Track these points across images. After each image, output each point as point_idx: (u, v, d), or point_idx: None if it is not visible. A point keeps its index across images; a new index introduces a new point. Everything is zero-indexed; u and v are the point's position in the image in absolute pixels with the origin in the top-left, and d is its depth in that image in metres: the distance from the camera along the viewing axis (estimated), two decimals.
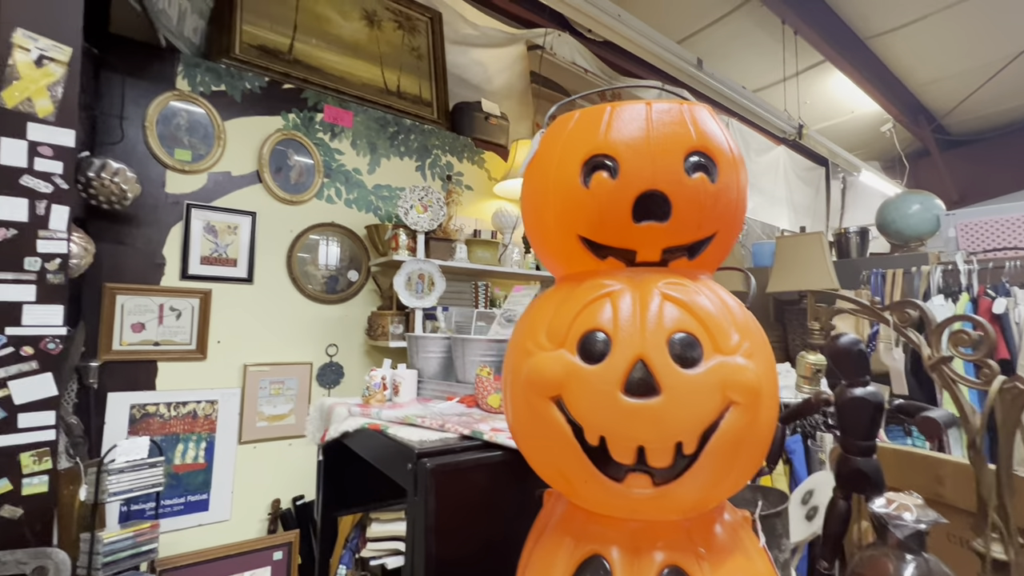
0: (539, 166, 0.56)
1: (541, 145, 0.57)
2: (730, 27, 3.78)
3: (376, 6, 2.68)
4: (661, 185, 0.48)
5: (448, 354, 1.21)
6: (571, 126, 0.54)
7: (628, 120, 0.50)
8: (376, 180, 2.51)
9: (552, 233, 0.54)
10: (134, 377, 1.91)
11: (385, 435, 0.83)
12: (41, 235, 1.47)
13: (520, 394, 0.49)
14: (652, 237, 0.50)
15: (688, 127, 0.50)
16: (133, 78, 1.93)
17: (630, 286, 0.48)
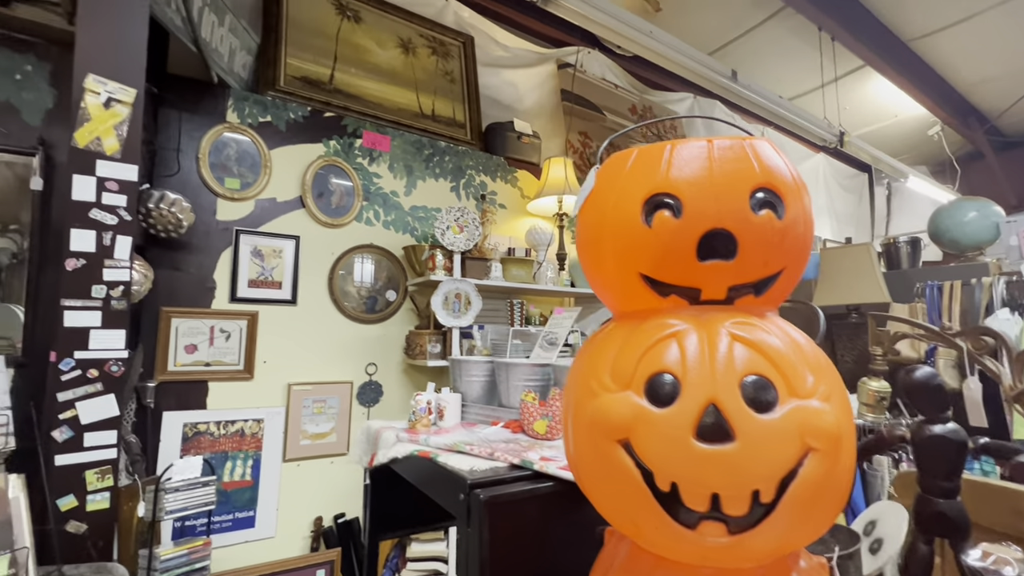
0: (596, 204, 0.56)
1: (597, 182, 0.57)
2: (764, 36, 3.73)
3: (411, 34, 2.77)
4: (727, 223, 0.47)
5: (491, 378, 1.21)
6: (630, 165, 0.54)
7: (689, 158, 0.50)
8: (412, 202, 2.57)
9: (611, 270, 0.54)
10: (187, 397, 1.99)
11: (435, 463, 0.83)
12: (107, 264, 1.56)
13: (584, 434, 0.49)
14: (718, 275, 0.49)
15: (752, 163, 0.49)
16: (188, 113, 2.04)
17: (696, 326, 0.47)
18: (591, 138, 3.39)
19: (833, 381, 0.47)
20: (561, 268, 2.74)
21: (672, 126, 3.97)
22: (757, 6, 3.44)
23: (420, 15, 2.83)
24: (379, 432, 1.10)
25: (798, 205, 0.50)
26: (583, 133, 3.33)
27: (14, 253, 1.82)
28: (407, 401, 2.44)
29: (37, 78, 1.78)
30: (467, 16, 3.00)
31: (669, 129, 3.93)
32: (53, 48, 1.80)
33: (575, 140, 3.24)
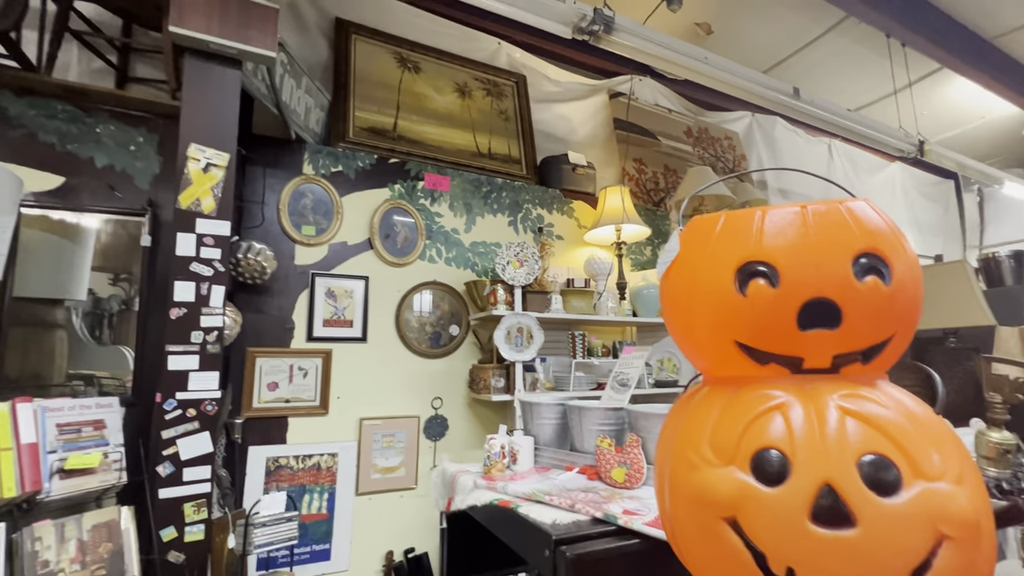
0: (684, 269, 0.56)
1: (683, 247, 0.57)
2: (825, 48, 3.59)
3: (467, 78, 2.90)
4: (829, 292, 0.46)
5: (563, 420, 1.21)
6: (718, 231, 0.54)
7: (783, 224, 0.49)
8: (472, 238, 2.64)
9: (703, 337, 0.53)
10: (269, 432, 2.12)
11: (516, 513, 0.83)
12: (203, 312, 1.71)
13: (686, 508, 0.48)
14: (821, 344, 0.47)
15: (852, 227, 0.47)
16: (271, 168, 2.23)
17: (800, 397, 0.46)
18: (646, 164, 3.37)
19: (962, 458, 0.44)
20: (622, 297, 2.71)
21: (731, 146, 3.87)
22: (815, 20, 3.33)
23: (474, 60, 2.97)
24: (455, 476, 1.12)
25: (905, 266, 0.48)
26: (638, 160, 3.32)
27: (123, 300, 2.03)
28: (472, 436, 2.46)
29: (147, 148, 2.01)
30: (519, 56, 3.11)
31: (727, 149, 3.83)
32: (160, 121, 2.03)
33: (630, 168, 3.23)
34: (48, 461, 1.46)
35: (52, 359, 1.90)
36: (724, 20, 3.29)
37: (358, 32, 2.62)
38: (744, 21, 3.31)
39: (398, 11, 2.77)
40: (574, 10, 2.03)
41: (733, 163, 3.80)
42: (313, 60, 2.58)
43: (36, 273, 1.85)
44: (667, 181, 3.41)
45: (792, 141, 4.23)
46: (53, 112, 1.89)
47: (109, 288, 2.01)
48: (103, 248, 1.98)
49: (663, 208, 3.30)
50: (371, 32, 2.66)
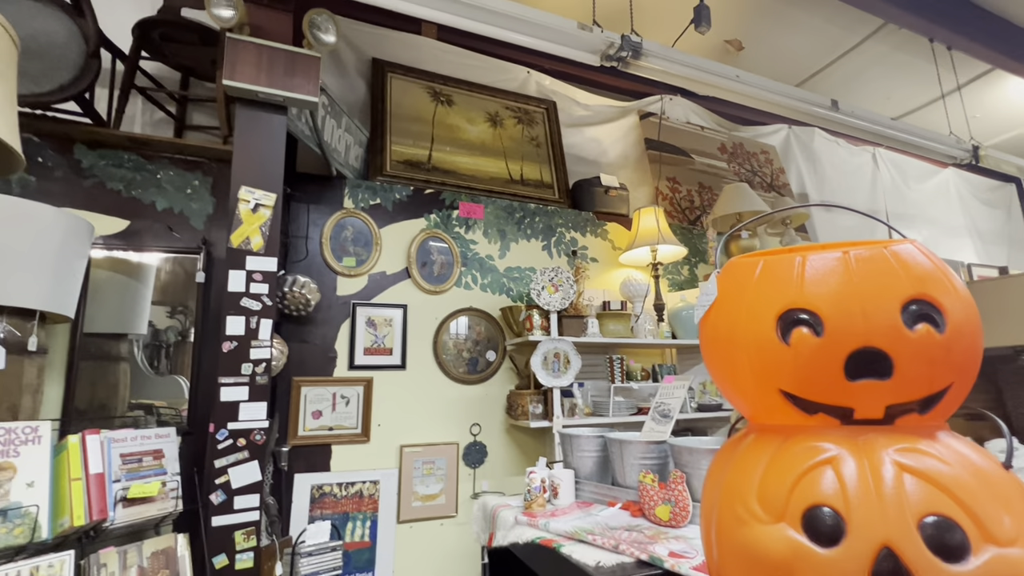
0: (723, 314, 0.55)
1: (721, 290, 0.57)
2: (863, 56, 3.49)
3: (497, 107, 2.97)
4: (877, 341, 0.44)
5: (604, 453, 1.19)
6: (757, 275, 0.53)
7: (825, 271, 0.48)
8: (507, 263, 2.67)
9: (747, 384, 0.52)
10: (314, 460, 2.17)
11: (559, 553, 0.82)
12: (253, 344, 1.79)
13: (735, 564, 0.47)
14: (872, 395, 0.45)
15: (898, 272, 0.46)
16: (314, 204, 2.34)
17: (852, 451, 0.44)
18: (680, 182, 3.33)
19: None
20: (660, 319, 2.66)
21: (767, 160, 3.78)
22: (851, 29, 3.26)
23: (504, 89, 3.04)
24: (496, 510, 1.11)
25: (960, 311, 0.46)
26: (671, 179, 3.29)
27: (180, 331, 2.15)
28: (511, 462, 2.44)
29: (202, 190, 2.15)
30: (548, 83, 3.16)
31: (764, 164, 3.75)
32: (214, 164, 2.17)
33: (664, 187, 3.20)
34: (113, 490, 1.55)
35: (116, 390, 2.03)
36: (755, 35, 3.26)
37: (393, 70, 2.74)
38: (776, 35, 3.27)
39: (430, 48, 2.89)
40: (602, 39, 2.06)
41: (771, 177, 3.71)
42: (352, 99, 2.71)
43: (103, 310, 1.99)
44: (702, 199, 3.36)
45: (832, 152, 4.10)
46: (120, 162, 2.05)
47: (167, 320, 2.14)
48: (162, 284, 2.11)
49: (699, 226, 3.24)
50: (405, 70, 2.78)
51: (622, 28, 2.84)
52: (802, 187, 3.88)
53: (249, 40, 1.70)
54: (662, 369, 2.56)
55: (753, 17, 3.10)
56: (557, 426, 2.14)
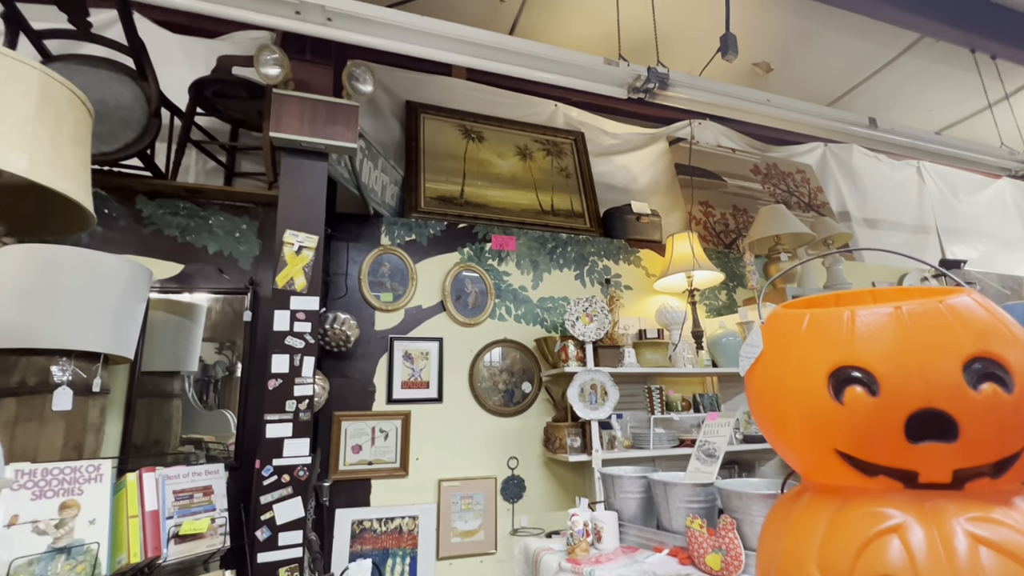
0: (771, 368, 0.54)
1: (767, 343, 0.56)
2: (900, 71, 3.40)
3: (527, 141, 3.03)
4: (939, 403, 0.43)
5: (647, 494, 1.16)
6: (804, 329, 0.52)
7: (877, 327, 0.47)
8: (540, 294, 2.68)
9: (800, 442, 0.51)
10: (354, 494, 2.19)
11: None
12: (297, 382, 1.85)
13: None
14: (937, 459, 0.43)
15: (956, 329, 0.44)
16: (352, 242, 2.42)
17: (919, 518, 0.42)
18: (713, 206, 3.29)
19: None
20: (699, 347, 2.59)
21: (804, 179, 3.70)
22: (884, 44, 3.19)
23: (533, 123, 3.11)
24: (538, 555, 1.09)
25: None
26: (704, 203, 3.25)
27: (227, 367, 2.24)
28: (550, 497, 2.40)
29: (249, 233, 2.27)
30: (575, 115, 3.22)
31: (801, 183, 3.66)
32: (260, 209, 2.29)
33: (697, 212, 3.17)
34: (166, 527, 1.60)
35: (169, 426, 2.12)
36: (783, 56, 3.24)
37: (426, 111, 2.85)
38: (805, 55, 3.23)
39: (460, 88, 3.00)
40: (628, 72, 2.09)
41: (809, 196, 3.62)
42: (387, 140, 2.82)
43: (158, 349, 2.10)
44: (737, 221, 3.30)
45: (873, 168, 3.97)
46: (176, 210, 2.19)
47: (215, 356, 2.23)
48: (212, 323, 2.21)
49: (735, 250, 3.18)
50: (437, 109, 2.89)
51: (648, 58, 2.88)
52: (842, 205, 3.76)
53: (293, 94, 1.81)
54: (703, 399, 2.48)
55: (781, 39, 3.08)
56: (596, 460, 2.09)
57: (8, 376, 1.54)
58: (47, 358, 1.60)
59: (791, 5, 2.82)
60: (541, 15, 2.86)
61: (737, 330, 2.62)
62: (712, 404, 2.47)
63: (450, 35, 1.85)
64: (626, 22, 2.77)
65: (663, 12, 2.78)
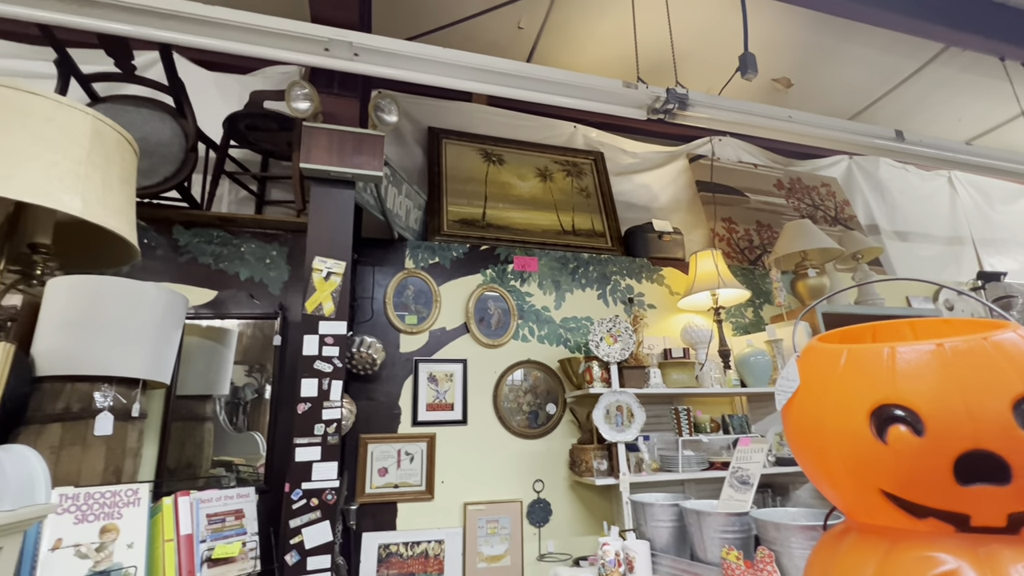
0: (808, 404, 0.54)
1: (803, 378, 0.55)
2: (926, 81, 3.35)
3: (546, 162, 3.07)
4: (988, 444, 0.41)
5: (680, 522, 1.13)
6: (842, 365, 0.51)
7: (919, 364, 0.46)
8: (563, 314, 2.67)
9: (843, 482, 0.50)
10: (381, 518, 2.19)
11: None
12: (325, 405, 1.87)
13: None
14: (990, 502, 0.42)
15: (1003, 366, 0.43)
16: (378, 266, 2.47)
17: (974, 564, 0.40)
18: (736, 222, 3.26)
19: None
20: (727, 366, 2.54)
21: (829, 192, 3.64)
22: (908, 56, 3.15)
23: (552, 145, 3.15)
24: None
25: None
26: (727, 219, 3.22)
27: (256, 389, 2.29)
28: (577, 521, 2.36)
29: (279, 259, 2.34)
30: (595, 136, 3.24)
31: (826, 197, 3.60)
32: (289, 235, 2.37)
33: (720, 228, 3.14)
34: (200, 551, 1.63)
35: (202, 449, 2.16)
36: (803, 71, 3.22)
37: (447, 136, 2.92)
38: (826, 69, 3.21)
39: (480, 113, 3.06)
40: (647, 94, 2.11)
41: (835, 210, 3.55)
42: (410, 165, 2.89)
43: (192, 373, 2.16)
44: (762, 237, 3.25)
45: (902, 179, 3.88)
46: (210, 238, 2.28)
47: (244, 378, 2.28)
48: (243, 347, 2.27)
49: (760, 266, 3.13)
50: (458, 134, 2.95)
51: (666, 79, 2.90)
52: (871, 218, 3.68)
53: (322, 127, 1.88)
54: (732, 420, 2.43)
55: (801, 54, 3.07)
56: (624, 484, 2.06)
57: (55, 402, 1.61)
58: (90, 384, 1.66)
59: (811, 21, 2.82)
60: (558, 40, 2.91)
61: (766, 348, 2.57)
62: (742, 425, 2.41)
63: (472, 65, 1.90)
64: (643, 44, 2.81)
65: (680, 33, 2.80)
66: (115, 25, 1.56)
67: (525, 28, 2.83)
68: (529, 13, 2.72)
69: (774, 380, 2.51)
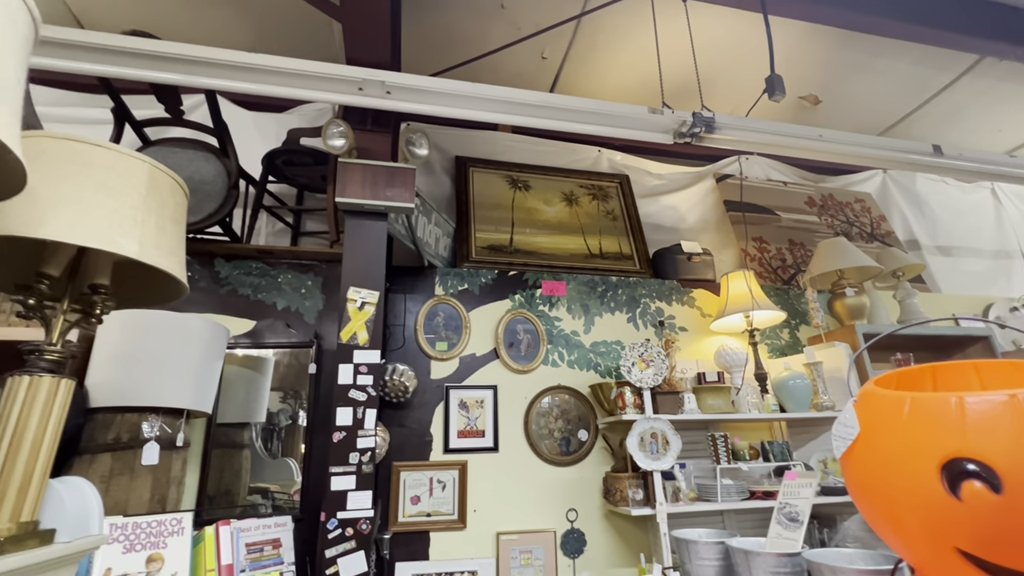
0: (871, 453, 0.52)
1: (863, 425, 0.53)
2: (961, 93, 3.26)
3: (572, 187, 3.09)
4: None
5: (726, 561, 1.09)
6: (905, 414, 0.50)
7: (991, 417, 0.44)
8: (592, 338, 2.65)
9: (915, 539, 0.48)
10: (414, 548, 2.18)
11: None
12: (359, 434, 1.89)
13: None
14: None
15: None
16: (409, 293, 2.52)
17: None
18: (768, 241, 3.20)
19: None
20: (764, 390, 2.47)
21: (864, 208, 3.55)
22: (942, 68, 3.08)
23: (577, 169, 3.17)
24: None
25: None
26: (758, 238, 3.17)
27: (291, 415, 2.33)
28: (613, 552, 2.30)
29: (314, 289, 2.40)
30: (619, 159, 3.26)
31: (860, 212, 3.51)
32: (324, 265, 2.43)
33: (751, 248, 3.09)
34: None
35: (239, 476, 2.20)
36: (831, 87, 3.18)
37: (474, 164, 2.98)
38: (855, 85, 3.17)
39: (506, 140, 3.12)
40: (673, 119, 2.12)
41: (871, 226, 3.45)
42: (438, 194, 2.96)
43: (231, 402, 2.22)
44: (794, 256, 3.18)
45: (941, 192, 3.76)
46: (249, 270, 2.36)
47: (279, 404, 2.33)
48: (279, 375, 2.33)
49: (795, 285, 3.05)
50: (485, 162, 3.01)
51: (690, 101, 2.90)
52: (909, 233, 3.56)
53: (356, 162, 1.95)
54: (772, 447, 2.34)
55: (829, 71, 3.04)
56: (661, 515, 2.00)
57: (106, 432, 1.67)
58: (139, 415, 1.73)
59: (838, 38, 2.79)
60: (582, 67, 2.96)
61: (804, 372, 2.49)
62: (783, 452, 2.32)
63: (499, 98, 1.95)
64: (666, 68, 2.83)
65: (703, 55, 2.82)
66: (168, 75, 1.67)
67: (548, 58, 2.89)
68: (552, 44, 2.78)
69: (815, 405, 2.42)
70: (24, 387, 0.98)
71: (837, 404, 2.41)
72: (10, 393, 0.97)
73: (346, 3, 1.79)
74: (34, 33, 0.85)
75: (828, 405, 2.39)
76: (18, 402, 0.96)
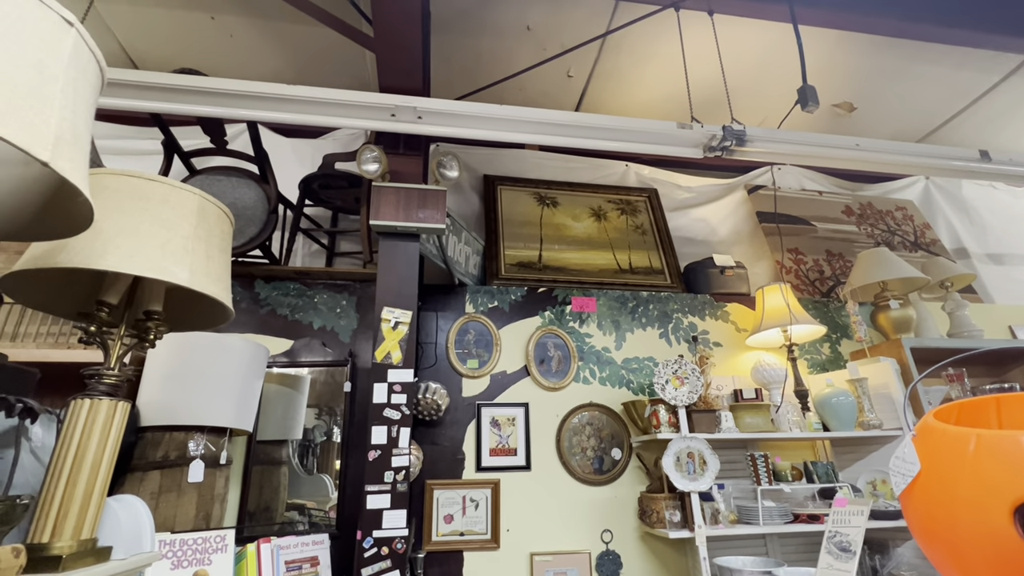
0: (936, 495, 0.50)
1: (925, 463, 0.51)
2: (1006, 95, 3.13)
3: (600, 202, 3.09)
4: None
5: None
6: (971, 452, 0.48)
7: None
8: (624, 355, 2.62)
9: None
10: (448, 567, 2.17)
11: None
12: (394, 453, 1.91)
13: None
14: None
15: None
16: (440, 311, 2.55)
17: None
18: (804, 253, 3.11)
19: None
20: (805, 408, 2.38)
21: (906, 216, 3.41)
22: (983, 71, 2.96)
23: (605, 184, 3.17)
24: None
25: None
26: (793, 250, 3.08)
27: (325, 431, 2.37)
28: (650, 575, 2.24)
29: (349, 308, 2.46)
30: (647, 173, 3.24)
31: (902, 221, 3.38)
32: (357, 285, 2.49)
33: (786, 260, 3.01)
34: None
35: (277, 492, 2.25)
36: (866, 94, 3.10)
37: (502, 183, 3.01)
38: (892, 91, 3.07)
39: (533, 158, 3.15)
40: (703, 133, 2.10)
41: (915, 235, 3.32)
42: (467, 212, 3.00)
43: (270, 419, 2.28)
44: (833, 267, 3.08)
45: (989, 198, 3.59)
46: (287, 291, 2.44)
47: (314, 420, 2.38)
48: (315, 392, 2.38)
49: (834, 298, 2.95)
50: (513, 180, 3.04)
51: (719, 114, 2.88)
52: (957, 241, 3.41)
53: (389, 185, 2.00)
54: (816, 467, 2.25)
55: (864, 78, 2.97)
56: (700, 538, 1.94)
57: (156, 450, 1.74)
58: (185, 433, 1.80)
59: (872, 44, 2.73)
60: (607, 84, 2.98)
61: (848, 388, 2.39)
62: (827, 473, 2.23)
63: (527, 119, 1.98)
64: (694, 82, 2.82)
65: (732, 67, 2.79)
66: (214, 109, 1.76)
67: (574, 76, 2.92)
68: (578, 62, 2.81)
69: (861, 423, 2.32)
70: (85, 410, 1.03)
71: (885, 422, 2.31)
72: (73, 416, 1.03)
73: (379, 34, 1.86)
74: (101, 82, 0.91)
75: (875, 423, 2.28)
76: (80, 424, 1.02)
